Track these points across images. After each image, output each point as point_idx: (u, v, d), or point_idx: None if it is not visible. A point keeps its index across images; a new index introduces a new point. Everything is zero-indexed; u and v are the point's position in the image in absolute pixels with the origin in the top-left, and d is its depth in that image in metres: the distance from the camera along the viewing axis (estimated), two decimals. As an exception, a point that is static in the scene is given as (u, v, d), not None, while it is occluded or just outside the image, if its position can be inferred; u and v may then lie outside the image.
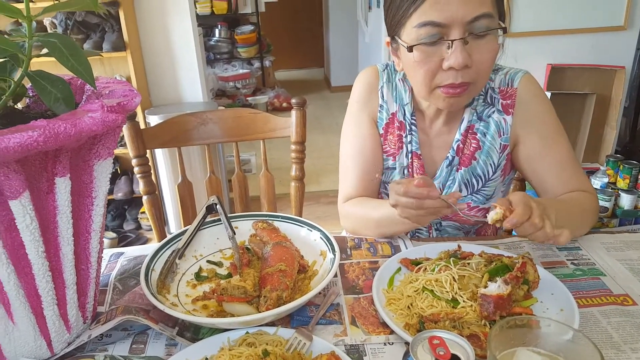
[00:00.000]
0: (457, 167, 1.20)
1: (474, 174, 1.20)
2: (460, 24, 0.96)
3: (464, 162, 1.20)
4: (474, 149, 1.19)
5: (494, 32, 1.00)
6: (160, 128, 1.50)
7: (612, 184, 2.94)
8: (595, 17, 3.16)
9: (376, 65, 1.28)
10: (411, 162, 1.23)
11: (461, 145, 1.19)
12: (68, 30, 2.94)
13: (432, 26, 0.98)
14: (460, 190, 1.21)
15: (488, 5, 0.98)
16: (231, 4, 5.45)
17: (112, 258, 1.10)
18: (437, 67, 1.01)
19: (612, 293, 0.92)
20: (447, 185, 1.21)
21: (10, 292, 0.70)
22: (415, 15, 0.99)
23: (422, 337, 0.67)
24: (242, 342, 0.79)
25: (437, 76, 1.02)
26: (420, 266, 0.95)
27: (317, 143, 5.07)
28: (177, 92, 3.22)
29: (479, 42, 0.99)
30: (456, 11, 0.96)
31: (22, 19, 0.68)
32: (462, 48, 0.97)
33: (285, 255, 0.95)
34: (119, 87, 0.78)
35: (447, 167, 1.20)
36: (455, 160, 1.20)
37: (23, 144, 0.58)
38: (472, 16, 0.96)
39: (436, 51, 1.00)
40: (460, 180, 1.20)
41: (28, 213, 0.66)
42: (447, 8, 0.96)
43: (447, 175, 1.21)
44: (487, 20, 0.98)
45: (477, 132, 1.19)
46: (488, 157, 1.19)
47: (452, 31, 0.97)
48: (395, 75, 1.25)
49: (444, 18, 0.96)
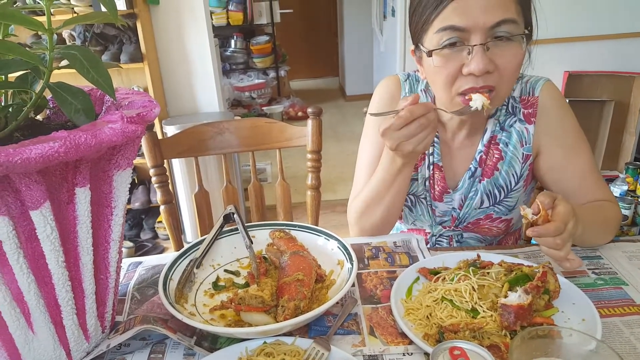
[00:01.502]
0: (479, 179, 1.19)
1: (496, 184, 1.19)
2: (482, 29, 0.95)
3: (487, 174, 1.18)
4: (496, 160, 1.18)
5: (518, 38, 0.98)
6: (177, 138, 1.51)
7: (631, 191, 2.89)
8: (613, 24, 3.14)
9: (398, 75, 1.27)
10: (432, 173, 1.22)
11: (484, 156, 1.18)
12: (86, 42, 2.99)
13: (453, 30, 0.97)
14: (482, 202, 1.20)
15: (512, 12, 0.96)
16: (247, 15, 5.49)
17: (131, 267, 1.11)
18: (457, 72, 1.00)
19: (634, 303, 0.90)
20: (470, 196, 1.20)
21: (31, 302, 0.70)
22: (437, 20, 0.98)
23: (443, 347, 0.67)
24: (260, 352, 0.79)
25: (457, 82, 1.01)
26: (439, 276, 0.94)
27: (333, 152, 5.07)
28: (193, 103, 3.25)
29: (502, 47, 0.97)
30: (478, 16, 0.95)
31: (44, 32, 0.69)
32: (482, 53, 0.96)
33: (303, 264, 0.95)
34: (138, 98, 0.79)
35: (469, 178, 1.19)
36: (477, 172, 1.19)
37: (44, 155, 0.58)
38: (494, 22, 0.95)
39: (456, 56, 0.99)
40: (483, 191, 1.19)
41: (49, 223, 0.66)
42: (469, 12, 0.95)
43: (470, 187, 1.20)
44: (510, 26, 0.96)
45: (499, 143, 1.17)
46: (510, 168, 1.17)
47: (473, 36, 0.96)
48: (418, 86, 1.24)
49: (465, 22, 0.95)
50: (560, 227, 0.87)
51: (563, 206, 0.89)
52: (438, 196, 1.23)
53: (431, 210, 1.25)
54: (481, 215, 1.22)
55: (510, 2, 0.96)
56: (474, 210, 1.21)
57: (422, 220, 1.27)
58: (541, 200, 0.89)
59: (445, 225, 1.26)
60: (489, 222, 1.22)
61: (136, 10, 2.78)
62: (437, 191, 1.22)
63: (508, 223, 1.23)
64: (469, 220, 1.23)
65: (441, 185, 1.21)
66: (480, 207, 1.21)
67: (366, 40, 6.80)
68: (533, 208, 0.90)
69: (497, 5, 0.95)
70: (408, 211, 1.28)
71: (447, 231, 1.27)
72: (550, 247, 0.89)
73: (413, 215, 1.28)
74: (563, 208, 0.89)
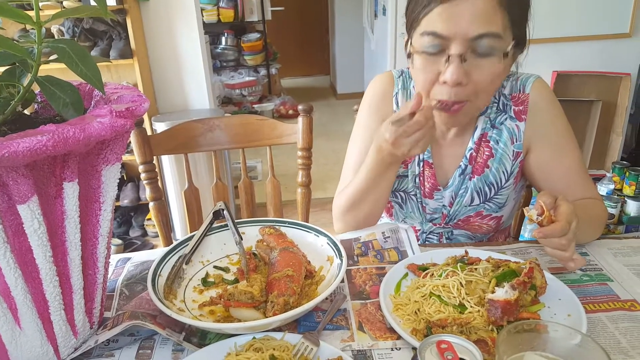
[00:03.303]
0: (469, 176, 1.20)
1: (486, 182, 1.20)
2: (462, 39, 0.95)
3: (477, 171, 1.19)
4: (486, 157, 1.19)
5: (498, 53, 0.98)
6: (167, 134, 1.50)
7: (618, 190, 2.93)
8: (601, 25, 3.16)
9: (391, 71, 1.28)
10: (423, 170, 1.23)
11: (474, 153, 1.19)
12: (75, 38, 2.97)
13: (434, 37, 0.97)
14: (473, 199, 1.21)
15: (497, 26, 0.96)
16: (238, 12, 5.48)
17: (119, 263, 1.11)
18: (435, 78, 1.01)
19: (619, 298, 0.91)
20: (460, 194, 1.21)
21: (18, 297, 0.70)
22: (424, 21, 0.99)
23: (430, 341, 0.67)
24: (249, 348, 0.79)
25: (434, 88, 1.03)
26: (427, 272, 0.95)
27: (323, 150, 5.08)
28: (183, 99, 3.23)
29: (479, 61, 0.98)
30: (460, 25, 0.95)
31: (32, 25, 0.69)
32: (458, 64, 0.96)
33: (293, 260, 0.95)
34: (127, 92, 0.79)
35: (459, 175, 1.20)
36: (468, 169, 1.20)
37: (32, 149, 0.58)
38: (475, 33, 0.95)
39: (435, 62, 1.00)
40: (473, 188, 1.20)
41: (36, 217, 0.66)
42: (452, 20, 0.95)
43: (460, 184, 1.21)
44: (491, 40, 0.96)
45: (490, 140, 1.18)
46: (501, 165, 1.18)
47: (453, 45, 0.96)
48: (411, 82, 1.25)
49: (447, 30, 0.96)
50: (566, 227, 0.87)
51: (566, 206, 0.89)
52: (428, 193, 1.24)
53: (421, 207, 1.25)
54: (471, 212, 1.22)
55: (497, 17, 0.96)
56: (464, 208, 1.22)
57: (413, 217, 1.28)
58: (544, 201, 0.89)
59: (435, 222, 1.27)
60: (479, 219, 1.23)
61: (126, 5, 2.76)
62: (427, 188, 1.23)
63: (498, 220, 1.24)
64: (459, 218, 1.24)
65: (431, 182, 1.22)
66: (470, 204, 1.22)
67: (357, 38, 6.81)
68: (537, 209, 0.90)
69: (482, 18, 0.95)
70: (398, 208, 1.29)
71: (438, 228, 1.27)
72: (556, 248, 0.90)
73: (404, 212, 1.28)
74: (566, 208, 0.89)
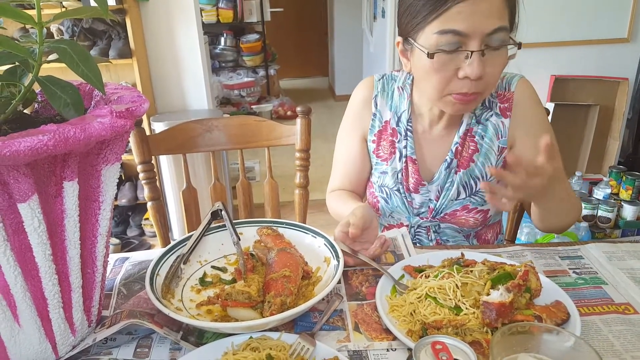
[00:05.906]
0: (455, 170, 1.23)
1: (472, 176, 1.23)
2: (480, 35, 0.99)
3: (463, 165, 1.23)
4: (472, 152, 1.22)
5: (505, 45, 1.03)
6: (166, 135, 1.51)
7: (615, 195, 2.94)
8: (599, 29, 3.17)
9: (373, 76, 1.32)
10: (405, 166, 1.26)
11: (460, 147, 1.22)
12: (75, 37, 2.97)
13: (454, 35, 1.00)
14: (459, 192, 1.24)
15: (505, 19, 1.01)
16: (237, 13, 5.48)
17: (117, 263, 1.11)
18: (452, 75, 1.04)
19: (613, 302, 0.92)
20: (446, 187, 1.24)
21: (17, 295, 0.71)
22: (438, 21, 1.01)
23: (424, 342, 0.68)
24: (245, 347, 0.79)
25: (450, 83, 1.05)
26: (423, 273, 0.96)
27: (321, 152, 5.06)
28: (182, 100, 3.24)
29: (493, 55, 1.02)
30: (479, 22, 0.98)
31: (34, 25, 0.69)
32: (479, 60, 1.00)
33: (290, 261, 0.95)
34: (127, 93, 0.79)
35: (445, 169, 1.23)
36: (453, 163, 1.23)
37: (33, 148, 0.58)
38: (492, 28, 0.99)
39: (453, 59, 1.03)
40: (459, 182, 1.23)
41: (36, 216, 0.67)
42: (471, 18, 0.98)
43: (446, 178, 1.24)
44: (503, 34, 1.01)
45: (475, 135, 1.22)
46: (486, 159, 1.22)
47: (472, 42, 1.00)
48: (392, 84, 1.29)
49: (466, 28, 0.99)
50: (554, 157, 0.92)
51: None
52: (413, 188, 1.27)
53: (407, 202, 1.28)
54: (458, 206, 1.25)
55: (504, 10, 1.01)
56: (451, 202, 1.25)
57: (399, 211, 1.31)
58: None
59: (422, 216, 1.29)
60: (466, 212, 1.25)
61: (125, 5, 2.76)
62: (411, 184, 1.27)
63: (485, 214, 1.26)
64: (445, 211, 1.27)
65: (415, 178, 1.26)
66: (457, 198, 1.25)
67: (356, 40, 6.82)
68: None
69: (496, 12, 0.99)
70: (384, 203, 1.32)
71: (425, 222, 1.30)
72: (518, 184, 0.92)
73: (389, 206, 1.31)
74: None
